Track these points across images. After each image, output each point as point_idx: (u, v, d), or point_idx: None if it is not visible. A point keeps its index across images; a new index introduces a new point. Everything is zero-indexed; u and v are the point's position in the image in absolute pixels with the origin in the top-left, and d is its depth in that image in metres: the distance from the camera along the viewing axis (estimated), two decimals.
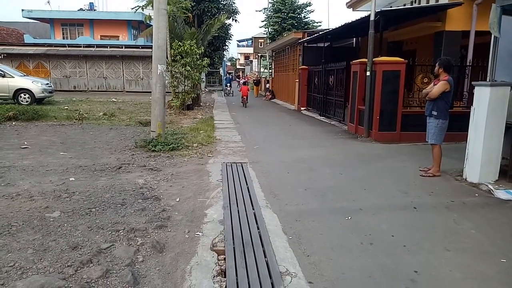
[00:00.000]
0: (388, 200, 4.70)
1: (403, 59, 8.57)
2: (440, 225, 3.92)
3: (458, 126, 7.16)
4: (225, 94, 27.88)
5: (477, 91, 5.35)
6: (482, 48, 7.32)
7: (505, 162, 5.41)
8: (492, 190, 4.98)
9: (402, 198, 4.80)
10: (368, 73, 8.86)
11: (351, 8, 15.27)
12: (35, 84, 15.18)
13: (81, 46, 26.17)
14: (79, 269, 2.85)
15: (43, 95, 15.42)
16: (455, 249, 3.35)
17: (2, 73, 14.74)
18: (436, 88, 5.62)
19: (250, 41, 65.81)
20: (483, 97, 5.20)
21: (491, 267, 3.05)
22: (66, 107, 14.60)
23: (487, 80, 5.40)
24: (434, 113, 5.73)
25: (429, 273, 2.94)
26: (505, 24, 5.19)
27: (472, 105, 5.45)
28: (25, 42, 28.36)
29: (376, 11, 8.82)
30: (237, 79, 48.73)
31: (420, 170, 5.96)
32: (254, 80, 29.65)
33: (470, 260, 3.17)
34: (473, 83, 5.54)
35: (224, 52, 28.72)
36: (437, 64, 5.78)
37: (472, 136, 5.43)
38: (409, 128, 8.55)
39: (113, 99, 19.58)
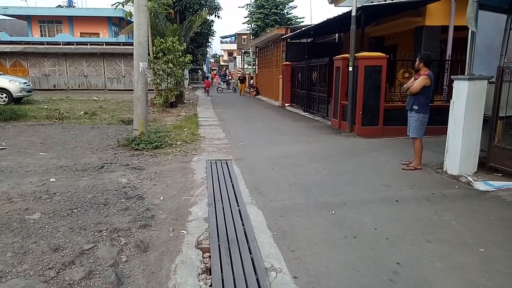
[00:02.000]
0: (371, 194, 4.77)
1: (384, 54, 8.68)
2: (422, 217, 3.99)
3: (438, 119, 7.31)
4: (220, 91, 28.25)
5: (456, 85, 5.46)
6: (461, 43, 7.47)
7: (483, 154, 5.55)
8: (471, 182, 5.10)
9: (384, 191, 4.88)
10: (350, 69, 8.94)
11: (333, 4, 15.35)
12: (13, 83, 14.78)
13: (60, 44, 25.59)
14: (61, 271, 2.79)
15: (21, 94, 15.03)
16: (436, 240, 3.43)
17: None
18: (417, 82, 5.70)
19: (234, 37, 65.45)
20: (462, 91, 5.32)
21: (470, 256, 3.13)
22: (46, 107, 14.26)
23: (465, 74, 5.51)
24: (415, 107, 5.82)
25: (411, 265, 2.99)
26: (482, 19, 5.30)
27: (451, 99, 5.56)
28: (1, 40, 27.51)
29: (358, 6, 8.90)
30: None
31: (402, 164, 6.06)
32: (239, 77, 28.86)
33: (450, 250, 3.24)
34: (452, 77, 5.65)
35: (207, 49, 28.45)
36: (417, 59, 5.87)
37: (451, 129, 5.55)
38: (391, 123, 8.68)
39: (94, 98, 19.23)
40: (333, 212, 4.11)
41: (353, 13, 8.86)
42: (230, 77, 36.30)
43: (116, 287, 2.63)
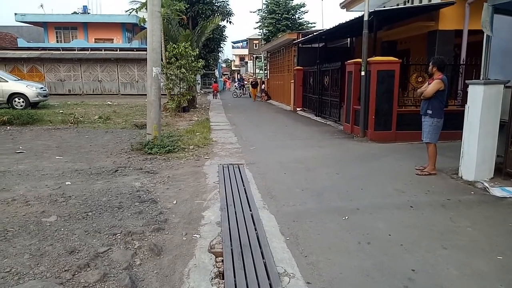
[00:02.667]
0: (384, 199, 4.72)
1: (397, 59, 8.61)
2: (437, 223, 3.93)
3: (453, 124, 7.20)
4: (237, 96, 29.12)
5: (471, 89, 5.39)
6: (475, 47, 7.38)
7: (500, 159, 5.45)
8: (487, 187, 5.01)
9: (398, 197, 4.82)
10: (363, 73, 8.90)
11: (345, 9, 15.33)
12: (30, 88, 15.11)
13: (75, 50, 26.10)
14: (76, 273, 2.83)
15: (37, 99, 15.34)
16: (451, 247, 3.37)
17: None
18: (430, 87, 5.65)
19: (245, 42, 65.80)
20: (477, 96, 5.24)
21: (487, 264, 3.07)
22: (61, 111, 14.53)
23: (481, 78, 5.43)
24: (429, 112, 5.76)
25: (427, 271, 2.95)
26: (497, 23, 5.24)
27: (466, 103, 5.49)
28: (19, 46, 28.17)
29: (370, 11, 8.87)
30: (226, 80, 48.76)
31: (416, 169, 5.99)
32: (251, 82, 28.11)
33: (466, 257, 3.19)
34: (466, 81, 5.59)
35: (219, 54, 28.62)
36: (430, 63, 5.81)
37: (467, 135, 5.46)
38: (405, 127, 8.59)
39: (108, 102, 19.52)
40: (346, 217, 4.08)
41: (365, 18, 8.82)
42: (245, 82, 35.63)
43: None
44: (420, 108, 6.01)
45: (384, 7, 11.61)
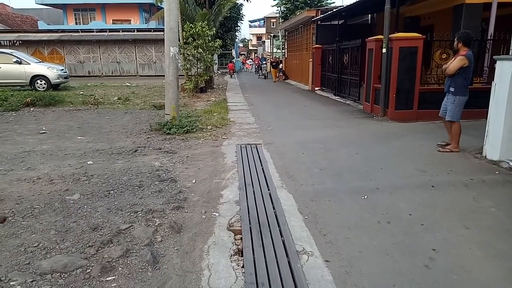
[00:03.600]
0: (405, 179, 4.64)
1: (420, 35, 8.30)
2: (459, 203, 3.85)
3: (477, 102, 6.96)
4: (262, 76, 28.11)
5: (499, 65, 5.15)
6: (506, 21, 7.02)
7: None
8: None
9: (419, 176, 4.73)
10: (384, 50, 8.63)
11: None
12: (51, 70, 15.37)
13: (94, 31, 26.30)
14: (100, 249, 2.92)
15: (58, 81, 15.62)
16: (474, 227, 3.30)
17: (19, 60, 14.95)
18: (453, 64, 5.44)
19: (262, 21, 64.74)
20: (505, 72, 5.01)
21: (511, 245, 3.00)
22: (82, 92, 14.77)
23: (510, 54, 5.18)
24: (452, 89, 5.58)
25: (448, 251, 2.90)
26: None
27: (493, 80, 5.27)
28: (39, 28, 28.64)
29: None
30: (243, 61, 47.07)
31: (438, 145, 5.85)
32: (271, 62, 26.16)
33: (490, 238, 3.12)
34: (494, 57, 5.33)
35: (236, 33, 28.32)
36: (455, 39, 5.59)
37: (493, 112, 5.27)
38: (427, 106, 8.34)
39: (127, 84, 19.70)
40: (366, 197, 4.04)
41: None
42: (265, 62, 31.56)
43: (151, 265, 2.72)
44: (444, 85, 5.81)
45: None
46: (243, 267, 2.73)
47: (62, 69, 16.57)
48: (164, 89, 7.85)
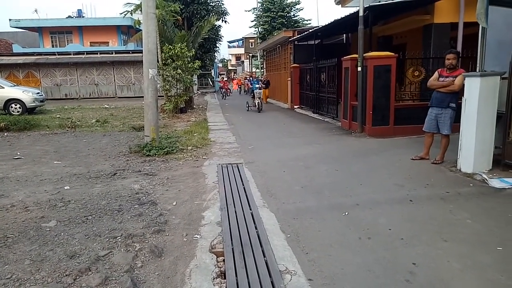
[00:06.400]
0: (384, 194, 4.73)
1: (393, 53, 8.61)
2: (437, 217, 3.94)
3: None
4: (253, 107, 16.34)
5: (468, 82, 5.39)
6: (471, 39, 7.37)
7: (498, 151, 5.45)
8: (486, 179, 5.02)
9: (398, 191, 4.83)
10: (359, 69, 8.90)
11: (340, 5, 15.30)
12: (26, 94, 15.08)
13: (71, 54, 26.01)
14: (77, 277, 2.83)
15: (34, 104, 15.31)
16: (452, 240, 3.38)
17: None
18: (460, 81, 5.60)
19: (241, 41, 65.77)
20: (474, 88, 5.24)
21: (488, 255, 3.08)
22: (58, 116, 14.50)
23: (477, 70, 5.43)
24: (453, 105, 5.79)
25: (428, 265, 2.95)
26: (492, 14, 5.22)
27: (463, 96, 5.49)
28: (14, 51, 28.10)
29: (365, 6, 8.86)
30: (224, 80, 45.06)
31: (412, 159, 6.28)
32: (264, 81, 20.32)
33: (467, 250, 3.19)
34: (463, 74, 5.57)
35: (215, 54, 28.56)
36: (455, 55, 5.81)
37: (464, 127, 5.47)
38: (402, 122, 8.60)
39: (105, 106, 19.48)
40: (347, 213, 4.08)
41: (361, 13, 8.82)
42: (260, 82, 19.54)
43: None
44: (437, 101, 5.96)
45: (379, 1, 11.60)
46: None
47: (38, 93, 16.27)
48: (144, 111, 7.81)
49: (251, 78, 18.48)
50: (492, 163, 5.42)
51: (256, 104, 15.83)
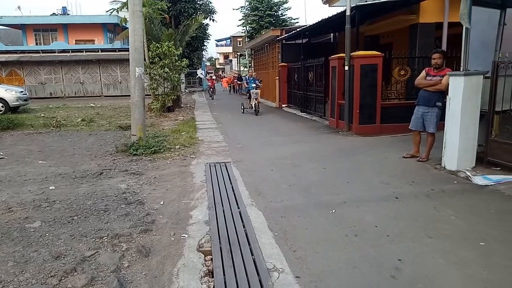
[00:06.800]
0: (370, 192, 4.78)
1: (379, 53, 8.71)
2: (422, 213, 4.01)
3: None
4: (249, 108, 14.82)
5: (452, 81, 5.48)
6: (456, 39, 7.50)
7: (481, 149, 5.57)
8: (470, 176, 5.12)
9: (384, 189, 4.89)
10: (346, 68, 8.97)
11: (327, 4, 15.39)
12: (9, 93, 14.76)
13: (55, 52, 25.59)
14: (63, 278, 2.79)
15: (17, 103, 14.99)
16: (436, 236, 3.44)
17: None
18: (446, 80, 5.66)
19: (229, 40, 65.62)
20: (458, 87, 5.34)
21: (471, 251, 3.14)
22: (43, 115, 14.24)
23: (461, 70, 5.54)
24: (439, 104, 5.87)
25: (413, 261, 3.00)
26: (475, 15, 5.32)
27: (447, 95, 5.58)
28: None
29: (352, 6, 8.93)
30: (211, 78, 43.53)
31: (404, 157, 6.32)
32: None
33: (451, 246, 3.25)
34: (447, 73, 5.67)
35: (203, 52, 28.46)
36: (441, 55, 5.89)
37: (449, 125, 5.57)
38: (389, 120, 8.70)
39: (91, 104, 19.21)
40: (333, 211, 4.12)
41: (347, 13, 8.89)
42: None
43: None
44: (424, 99, 6.04)
45: (366, 1, 11.71)
46: None
47: (22, 91, 15.94)
48: (130, 109, 7.73)
49: (247, 77, 15.95)
50: (476, 160, 5.53)
51: (253, 105, 14.14)
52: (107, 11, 16.23)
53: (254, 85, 14.48)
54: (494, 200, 4.34)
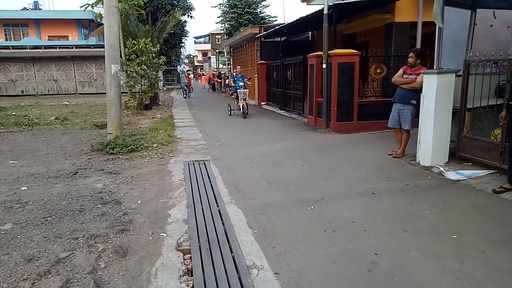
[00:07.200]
0: (348, 188, 4.86)
1: (356, 51, 8.84)
2: (398, 208, 4.10)
3: None
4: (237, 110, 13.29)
5: (426, 79, 5.63)
6: (429, 38, 7.69)
7: (453, 145, 5.75)
8: (443, 172, 5.28)
9: (361, 185, 4.97)
10: (324, 66, 9.06)
11: (305, 2, 15.51)
12: None
13: (27, 48, 24.71)
14: (36, 281, 2.71)
15: None
16: (411, 230, 3.53)
17: None
18: (420, 78, 5.79)
19: (207, 37, 65.11)
20: (431, 84, 5.49)
21: (444, 244, 3.24)
22: (14, 113, 13.74)
23: (434, 68, 5.69)
24: (413, 101, 5.99)
25: (389, 254, 3.07)
26: (448, 15, 5.47)
27: (421, 92, 5.73)
28: None
29: (329, 4, 9.02)
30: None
31: (389, 155, 6.40)
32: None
33: (425, 239, 3.35)
34: (421, 71, 5.81)
35: (181, 50, 28.10)
36: (414, 55, 6.01)
37: (422, 122, 5.71)
38: (366, 118, 8.86)
39: (65, 102, 18.70)
40: (312, 207, 4.16)
41: (325, 11, 8.98)
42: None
43: None
44: (399, 97, 6.18)
45: (343, 0, 11.85)
46: (193, 287, 2.67)
47: None
48: (106, 107, 7.56)
49: (234, 74, 14.02)
50: (448, 156, 5.71)
51: (241, 107, 12.49)
52: (82, 7, 15.77)
53: (242, 83, 13.00)
54: (466, 194, 4.48)
